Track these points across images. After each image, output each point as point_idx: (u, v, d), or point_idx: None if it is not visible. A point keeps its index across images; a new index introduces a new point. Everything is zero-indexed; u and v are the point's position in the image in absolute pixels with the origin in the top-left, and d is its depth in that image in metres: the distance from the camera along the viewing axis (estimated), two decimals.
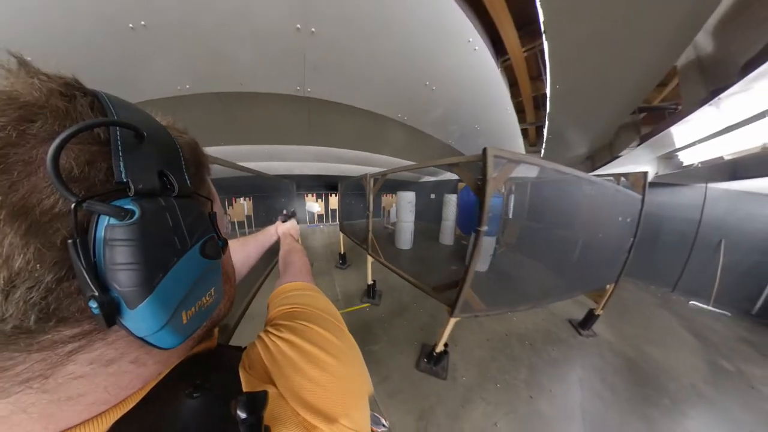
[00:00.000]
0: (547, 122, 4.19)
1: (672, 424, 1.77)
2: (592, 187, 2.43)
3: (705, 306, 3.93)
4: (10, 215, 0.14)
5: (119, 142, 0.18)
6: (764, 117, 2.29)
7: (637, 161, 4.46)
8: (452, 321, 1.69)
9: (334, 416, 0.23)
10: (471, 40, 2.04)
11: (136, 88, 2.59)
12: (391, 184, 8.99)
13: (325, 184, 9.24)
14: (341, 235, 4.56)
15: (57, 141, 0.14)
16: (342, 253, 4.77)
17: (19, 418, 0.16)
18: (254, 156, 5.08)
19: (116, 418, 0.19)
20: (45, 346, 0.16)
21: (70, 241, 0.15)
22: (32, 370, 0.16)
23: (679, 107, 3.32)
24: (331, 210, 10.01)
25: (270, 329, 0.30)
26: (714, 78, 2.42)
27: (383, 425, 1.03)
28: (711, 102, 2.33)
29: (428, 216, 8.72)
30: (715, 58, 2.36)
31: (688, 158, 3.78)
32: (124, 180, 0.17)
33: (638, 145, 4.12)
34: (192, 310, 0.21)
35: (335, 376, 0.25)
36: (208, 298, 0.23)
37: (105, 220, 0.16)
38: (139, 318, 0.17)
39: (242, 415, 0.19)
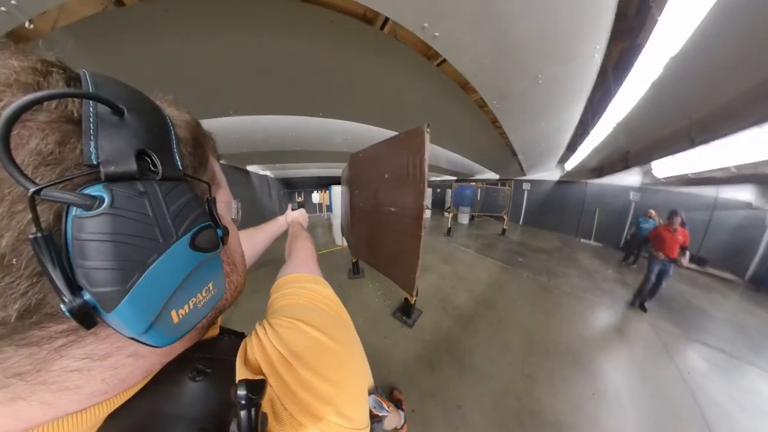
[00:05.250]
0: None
1: (532, 262, 5.25)
2: (489, 186, 6.91)
3: (589, 241, 7.71)
4: None
5: (90, 119, 0.16)
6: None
7: (551, 168, 8.48)
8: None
9: (322, 415, 0.22)
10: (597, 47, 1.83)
11: None
12: None
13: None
14: None
15: (6, 114, 0.13)
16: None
17: (20, 404, 0.17)
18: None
19: (116, 406, 0.19)
20: (32, 341, 0.16)
21: (30, 236, 0.13)
22: (22, 364, 0.16)
23: None
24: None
25: (267, 324, 0.29)
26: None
27: (386, 411, 1.02)
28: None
29: (436, 204, 13.31)
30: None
31: (568, 166, 7.69)
32: (95, 162, 0.16)
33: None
34: (185, 309, 0.19)
35: (326, 377, 0.24)
36: (205, 294, 0.21)
37: (72, 212, 0.15)
38: (119, 320, 0.16)
39: (242, 400, 0.18)
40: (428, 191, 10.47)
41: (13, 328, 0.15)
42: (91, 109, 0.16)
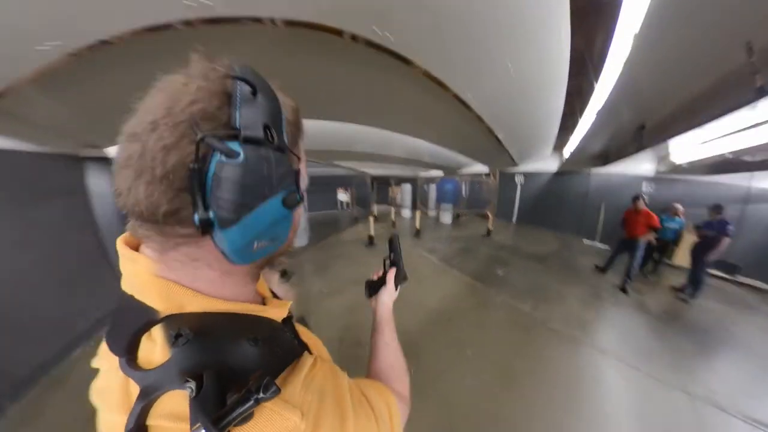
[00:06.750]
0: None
1: (515, 278, 4.00)
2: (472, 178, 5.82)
3: (593, 242, 6.50)
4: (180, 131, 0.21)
5: (238, 94, 0.23)
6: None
7: (547, 156, 7.26)
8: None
9: None
10: None
11: None
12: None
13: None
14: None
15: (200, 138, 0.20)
16: (375, 215, 8.22)
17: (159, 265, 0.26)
18: None
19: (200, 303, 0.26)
20: (165, 232, 0.24)
21: (191, 165, 0.20)
22: (156, 242, 0.25)
23: None
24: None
25: (333, 376, 0.31)
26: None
27: None
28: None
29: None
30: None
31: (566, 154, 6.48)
32: (237, 127, 0.22)
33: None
34: (262, 244, 0.26)
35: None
36: (275, 239, 0.28)
37: (217, 157, 0.21)
38: (224, 237, 0.23)
39: (255, 387, 0.20)
40: (407, 187, 9.33)
41: (159, 222, 0.23)
42: (239, 87, 0.23)
